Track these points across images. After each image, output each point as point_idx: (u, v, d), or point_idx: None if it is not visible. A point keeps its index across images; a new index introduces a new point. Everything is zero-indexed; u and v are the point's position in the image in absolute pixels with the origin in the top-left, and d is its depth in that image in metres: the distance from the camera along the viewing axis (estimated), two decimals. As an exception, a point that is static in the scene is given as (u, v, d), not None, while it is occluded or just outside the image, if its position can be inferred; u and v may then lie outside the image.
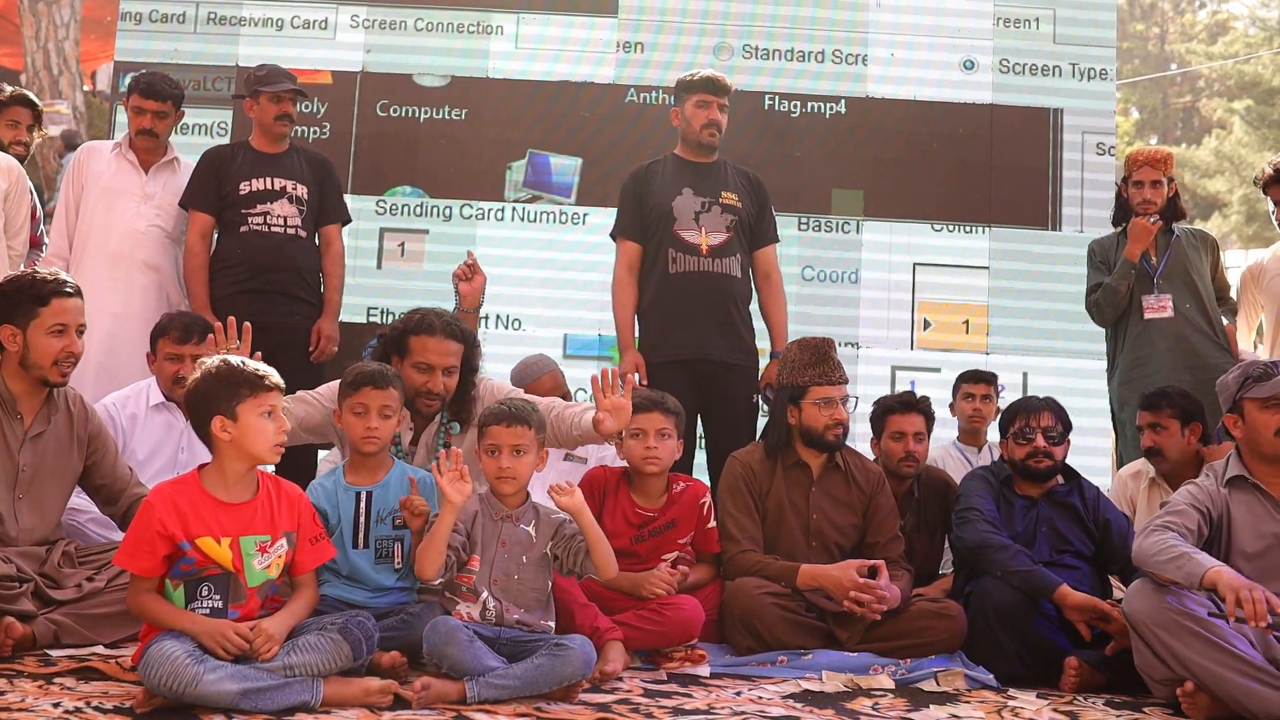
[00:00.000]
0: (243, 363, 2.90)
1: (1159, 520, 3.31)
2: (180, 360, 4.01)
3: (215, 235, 4.76)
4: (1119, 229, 5.07)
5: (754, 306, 4.63)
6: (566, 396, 4.55)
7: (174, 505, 2.77)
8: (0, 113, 5.02)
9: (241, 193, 4.66)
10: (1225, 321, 5.00)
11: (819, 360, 4.01)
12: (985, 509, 3.86)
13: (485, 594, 3.11)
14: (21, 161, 4.88)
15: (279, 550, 2.89)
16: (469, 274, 4.47)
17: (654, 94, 5.82)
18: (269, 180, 4.70)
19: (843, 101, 5.85)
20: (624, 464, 3.89)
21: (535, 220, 5.76)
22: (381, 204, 5.75)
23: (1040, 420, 3.96)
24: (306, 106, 5.49)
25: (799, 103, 5.85)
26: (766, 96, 5.84)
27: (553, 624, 3.19)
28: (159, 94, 4.78)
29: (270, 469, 3.07)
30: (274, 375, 2.91)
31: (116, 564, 2.85)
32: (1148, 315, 4.88)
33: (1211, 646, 3.05)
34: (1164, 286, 4.89)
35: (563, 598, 3.34)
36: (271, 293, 4.64)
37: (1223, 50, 23.28)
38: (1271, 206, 4.43)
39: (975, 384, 5.06)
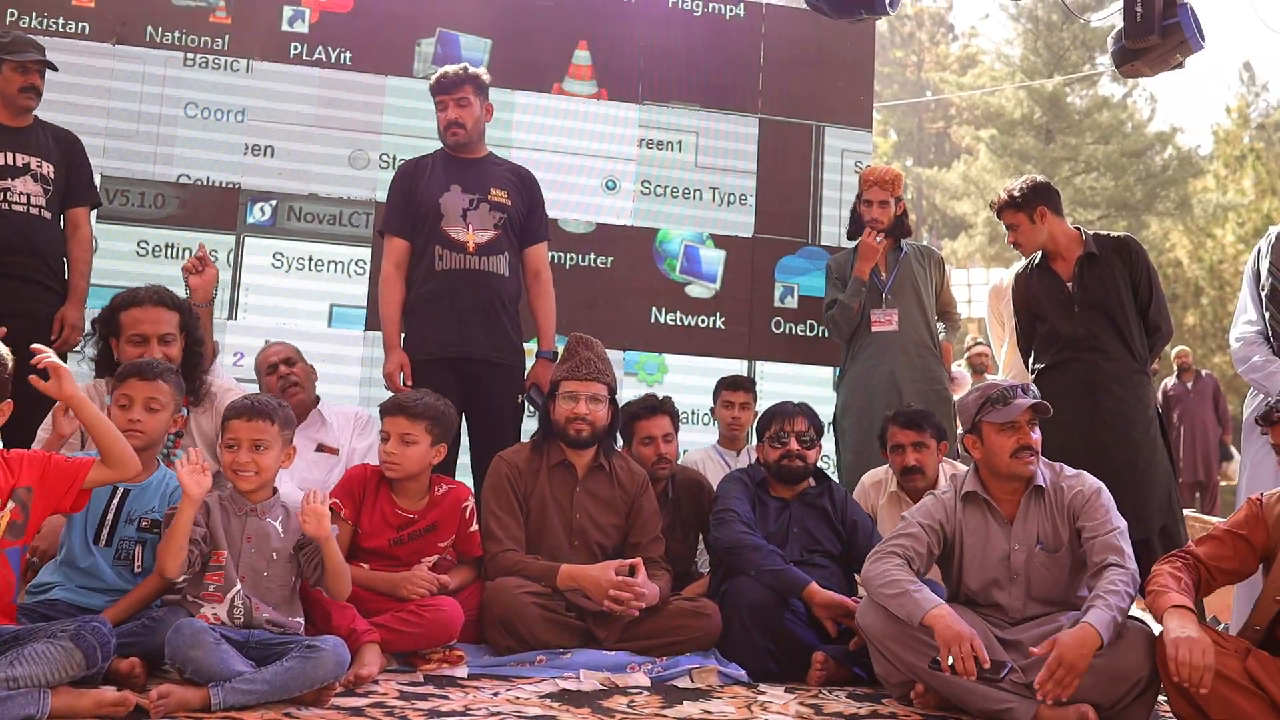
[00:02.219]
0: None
1: (889, 545, 3.49)
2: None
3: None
4: (853, 245, 5.37)
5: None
6: (297, 364, 4.45)
7: None
8: None
9: (-23, 167, 4.35)
10: (942, 338, 5.35)
11: (568, 356, 4.07)
12: (741, 510, 3.99)
13: (234, 591, 3.01)
14: None
15: (6, 511, 2.78)
16: (199, 267, 4.32)
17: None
18: (10, 155, 4.40)
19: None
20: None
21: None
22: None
23: (794, 425, 4.13)
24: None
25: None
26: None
27: (302, 620, 3.10)
28: None
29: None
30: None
31: None
32: (875, 329, 5.18)
33: (930, 652, 3.24)
34: (891, 301, 5.20)
35: (319, 598, 3.27)
36: (11, 277, 4.34)
37: (972, 81, 24.85)
38: (1005, 230, 4.75)
39: (734, 391, 5.20)
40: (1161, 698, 3.14)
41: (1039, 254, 4.73)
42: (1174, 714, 3.03)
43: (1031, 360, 4.73)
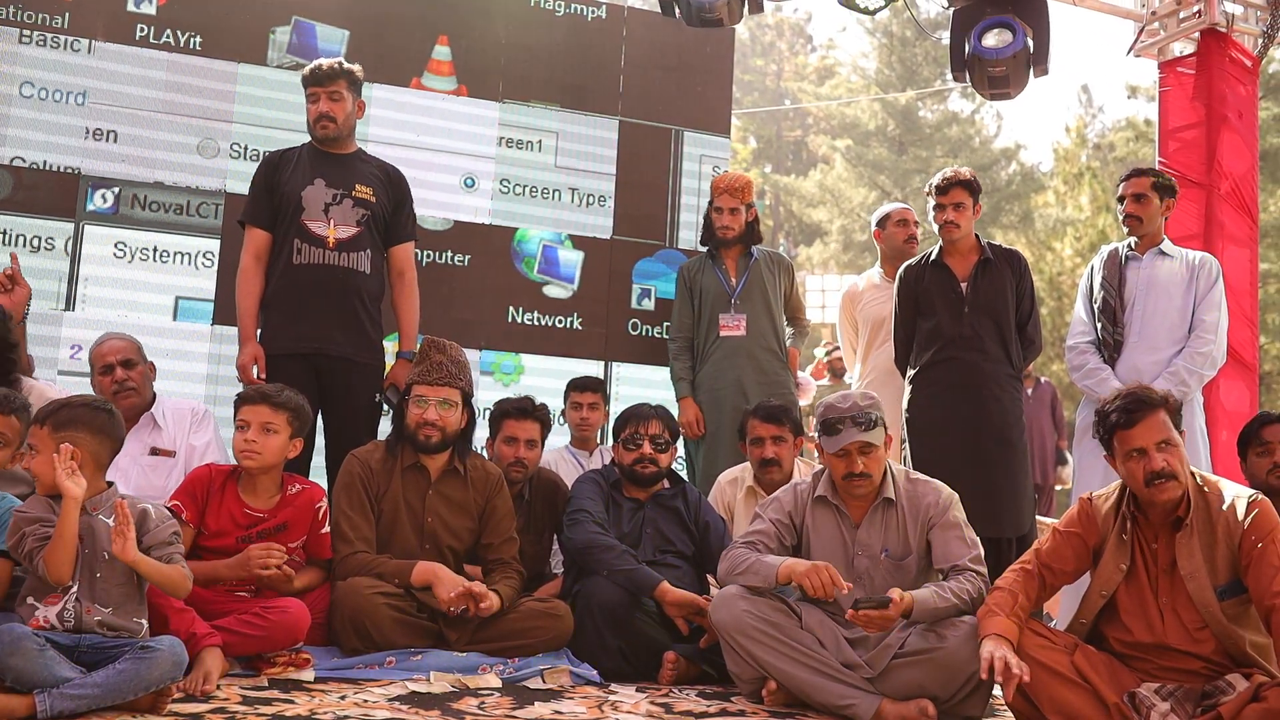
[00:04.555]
0: None
1: (739, 539, 3.63)
2: None
3: None
4: (706, 250, 5.48)
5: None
6: (137, 366, 4.24)
7: None
8: None
9: None
10: (789, 344, 5.47)
11: (421, 359, 4.03)
12: (594, 510, 4.01)
13: (72, 590, 2.87)
14: None
15: None
16: (9, 285, 4.09)
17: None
18: None
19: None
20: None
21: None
22: None
23: (649, 428, 4.16)
24: None
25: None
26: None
27: (144, 622, 2.98)
28: None
29: None
30: None
31: None
32: (724, 333, 5.28)
33: (785, 648, 3.36)
34: (740, 306, 5.29)
35: (157, 602, 3.14)
36: None
37: (829, 92, 25.41)
38: (936, 209, 4.80)
39: (582, 393, 5.22)
40: (997, 691, 3.26)
41: (935, 250, 4.86)
42: (1009, 707, 3.15)
43: (911, 355, 4.84)
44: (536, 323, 5.85)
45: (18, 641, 2.66)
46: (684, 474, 5.10)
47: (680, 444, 4.52)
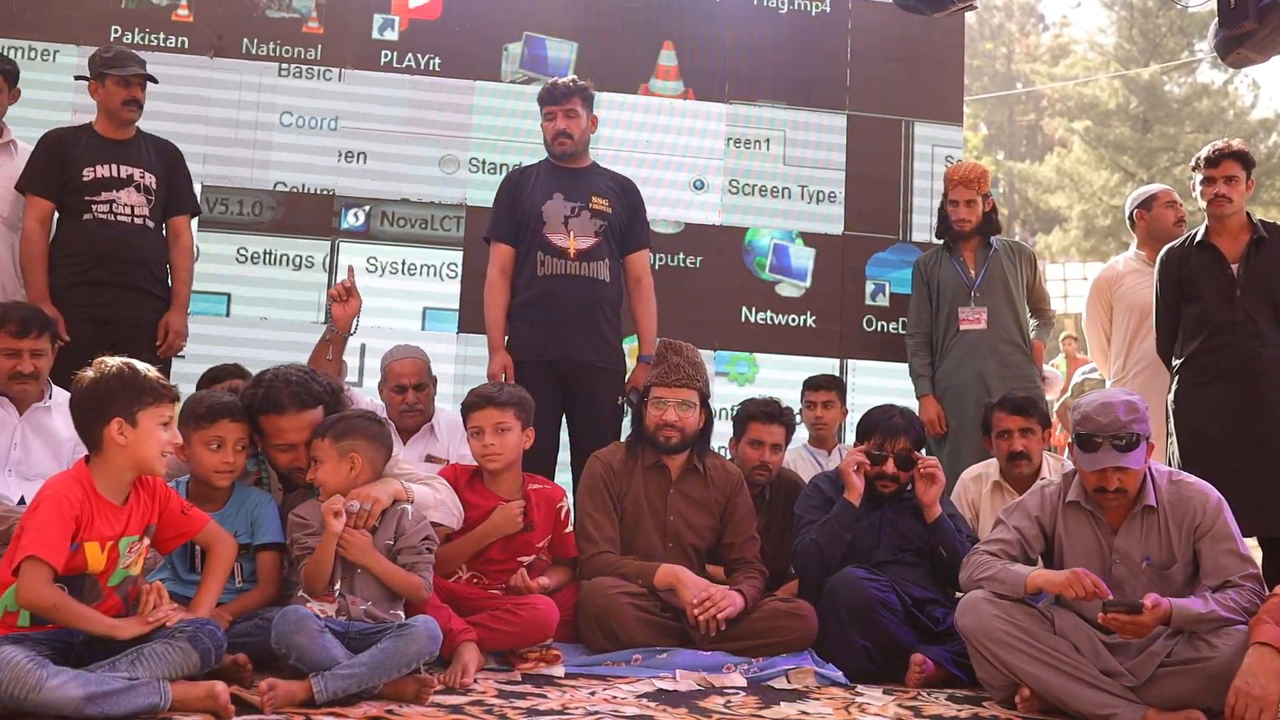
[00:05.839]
0: (146, 369, 2.83)
1: (982, 546, 3.47)
2: (18, 355, 3.79)
3: (55, 223, 4.56)
4: (942, 242, 5.34)
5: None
6: (425, 389, 4.47)
7: (81, 501, 2.71)
8: None
9: (85, 179, 4.48)
10: (1034, 337, 5.24)
11: (658, 361, 4.08)
12: (818, 521, 3.96)
13: (337, 588, 3.08)
14: None
15: (142, 547, 2.88)
16: (345, 295, 4.31)
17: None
18: (115, 167, 4.53)
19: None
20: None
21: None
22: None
23: (896, 444, 4.03)
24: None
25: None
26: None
27: (402, 615, 3.15)
28: None
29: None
30: (176, 389, 2.88)
31: (29, 553, 2.63)
32: (964, 327, 5.12)
33: (1039, 654, 3.20)
34: (980, 299, 5.11)
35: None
36: (115, 285, 4.48)
37: (1064, 72, 24.36)
38: (1205, 183, 4.49)
39: (815, 391, 5.18)
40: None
41: (1199, 231, 4.57)
42: None
43: (1176, 344, 4.55)
44: (770, 322, 5.84)
45: (302, 621, 2.89)
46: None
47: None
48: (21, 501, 3.54)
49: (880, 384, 5.63)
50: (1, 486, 3.64)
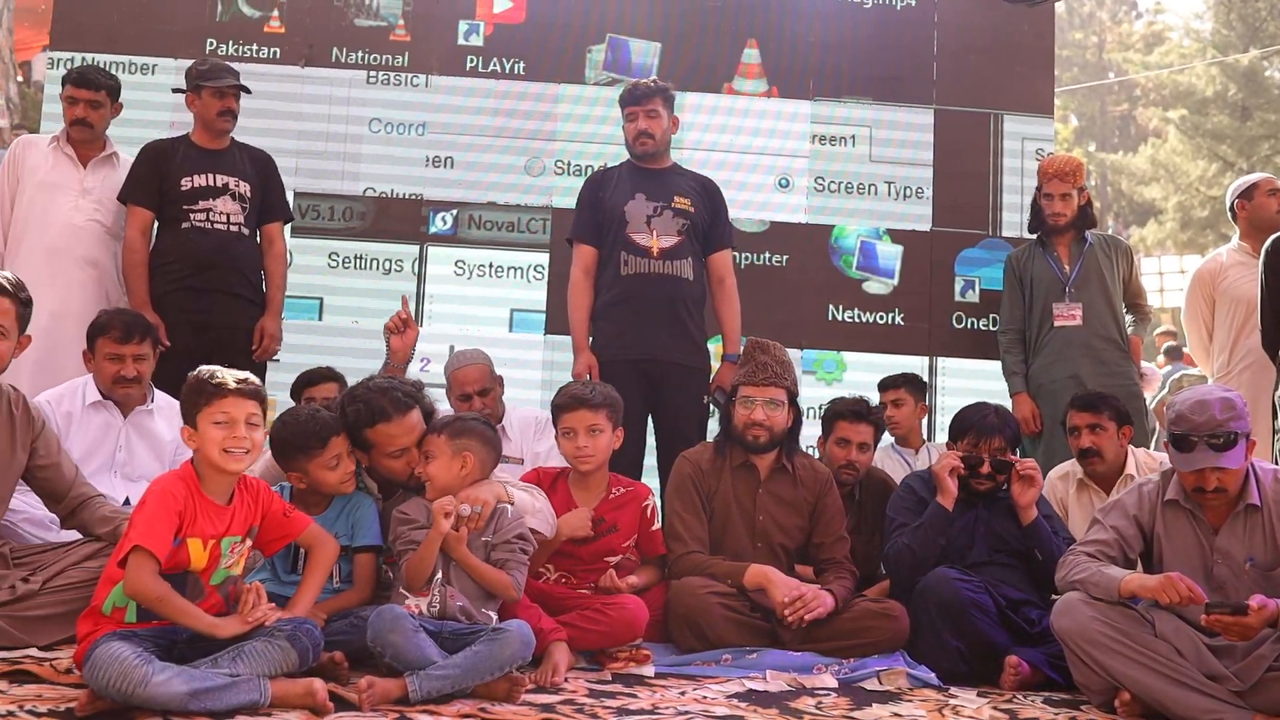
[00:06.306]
0: (210, 372, 2.89)
1: (1077, 547, 3.41)
2: (121, 361, 3.93)
3: (155, 231, 4.69)
4: (1035, 237, 5.25)
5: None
6: (490, 392, 4.49)
7: (185, 498, 2.80)
8: None
9: (183, 188, 4.61)
10: (1131, 333, 5.12)
11: (745, 360, 4.06)
12: (910, 523, 3.91)
13: (436, 581, 3.12)
14: None
15: (244, 548, 2.95)
16: (402, 327, 4.28)
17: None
18: (211, 177, 4.65)
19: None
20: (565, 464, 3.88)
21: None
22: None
23: (990, 444, 3.97)
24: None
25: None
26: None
27: (495, 615, 3.18)
28: (92, 83, 4.72)
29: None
30: (232, 380, 2.88)
31: (135, 542, 2.69)
32: (1058, 323, 5.02)
33: (1139, 657, 3.13)
34: (1075, 295, 5.01)
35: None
36: (213, 291, 4.60)
37: (1158, 60, 23.77)
38: (1242, 216, 4.38)
39: (885, 390, 5.13)
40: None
41: None
42: None
43: None
44: (857, 320, 5.79)
45: (397, 620, 2.93)
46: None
47: None
48: (126, 502, 3.65)
49: (970, 383, 5.54)
50: (107, 488, 3.75)
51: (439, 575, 3.14)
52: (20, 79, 11.48)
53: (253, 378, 2.93)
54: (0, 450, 3.33)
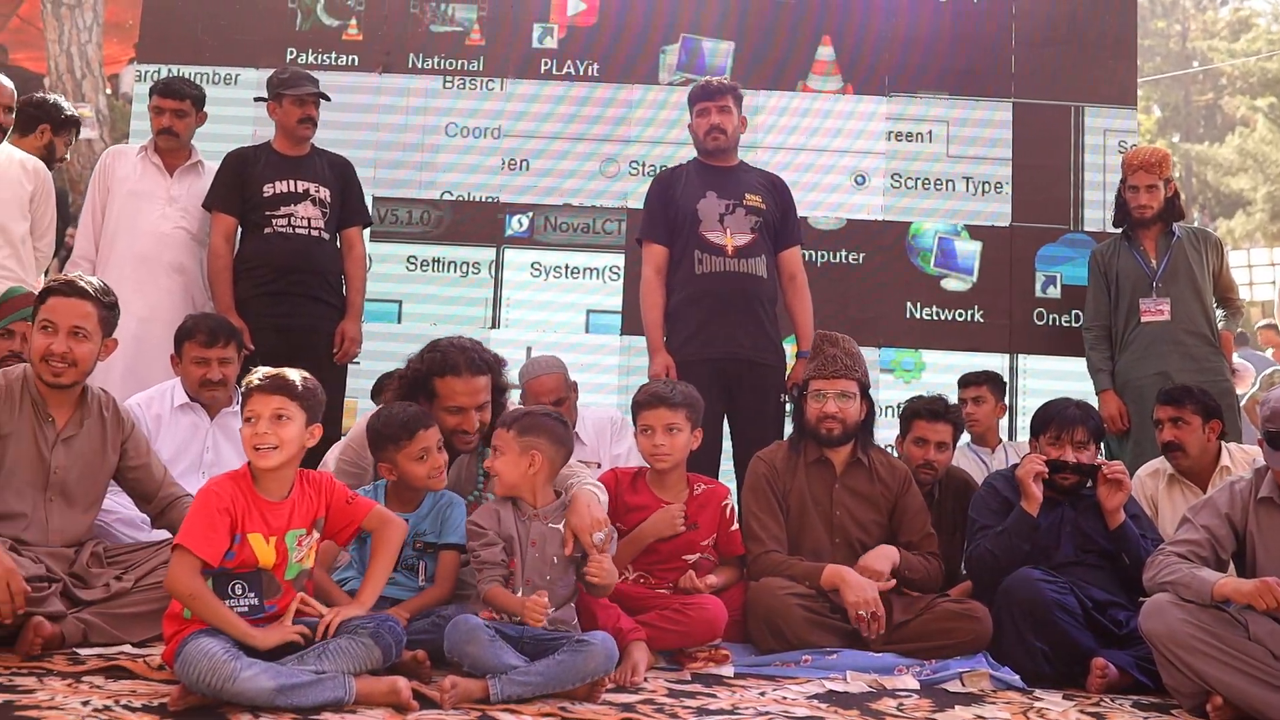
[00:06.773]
0: (266, 373, 2.93)
1: (1167, 547, 3.33)
2: (207, 364, 4.03)
3: (238, 237, 4.79)
4: (1120, 231, 5.15)
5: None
6: (566, 400, 4.51)
7: (234, 496, 2.83)
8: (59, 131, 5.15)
9: (265, 195, 4.70)
10: (1222, 327, 5.00)
11: (814, 354, 4.04)
12: (994, 525, 3.85)
13: (519, 594, 3.12)
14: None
15: (312, 540, 2.97)
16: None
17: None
18: (292, 183, 4.73)
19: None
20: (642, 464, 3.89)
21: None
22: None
23: (1073, 434, 3.90)
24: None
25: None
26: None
27: (576, 622, 3.19)
28: (177, 93, 4.84)
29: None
30: (258, 378, 2.91)
31: (177, 542, 2.78)
32: (1145, 319, 4.92)
33: (1232, 661, 3.06)
34: (1163, 290, 4.90)
35: (584, 598, 3.34)
36: (294, 295, 4.68)
37: (1245, 47, 23.17)
38: None
39: (965, 388, 5.07)
40: None
41: None
42: None
43: None
44: (936, 317, 5.72)
45: (473, 631, 2.93)
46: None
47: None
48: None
49: (1053, 381, 5.44)
50: (195, 488, 3.77)
51: (520, 588, 3.12)
52: (109, 91, 11.78)
53: (289, 373, 2.92)
54: (92, 452, 3.43)
